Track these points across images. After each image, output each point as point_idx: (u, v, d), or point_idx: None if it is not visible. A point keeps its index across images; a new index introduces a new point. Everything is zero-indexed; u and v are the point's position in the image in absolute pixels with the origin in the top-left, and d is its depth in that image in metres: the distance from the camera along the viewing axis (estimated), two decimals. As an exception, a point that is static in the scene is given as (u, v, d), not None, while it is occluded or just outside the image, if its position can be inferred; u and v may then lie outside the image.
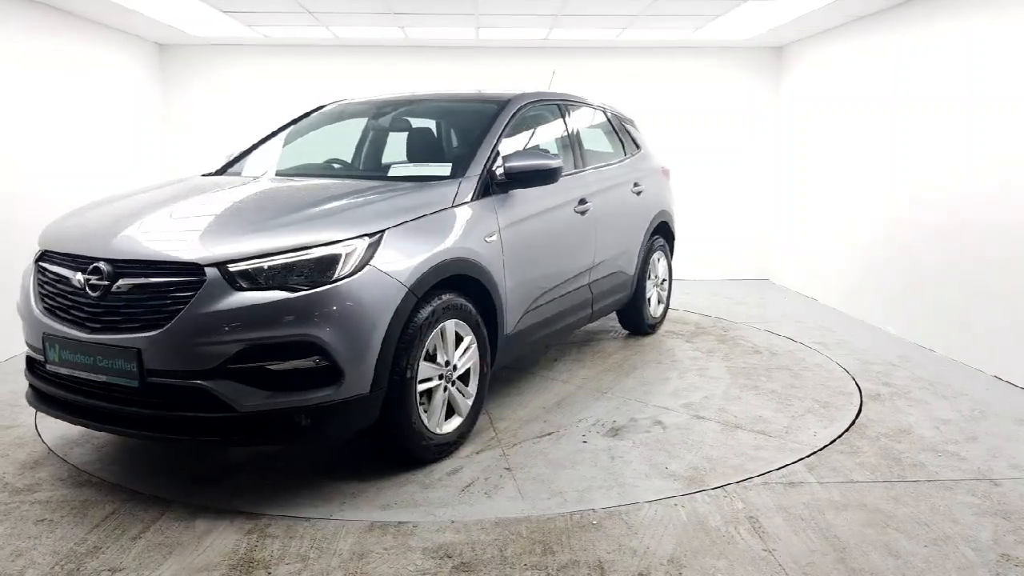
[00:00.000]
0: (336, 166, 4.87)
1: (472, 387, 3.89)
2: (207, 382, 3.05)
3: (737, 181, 8.83)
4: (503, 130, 4.36)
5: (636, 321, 6.07)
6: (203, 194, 3.95)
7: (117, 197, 4.10)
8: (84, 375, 3.25)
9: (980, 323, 5.25)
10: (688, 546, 2.93)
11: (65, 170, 6.26)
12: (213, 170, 4.95)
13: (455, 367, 3.74)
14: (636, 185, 5.70)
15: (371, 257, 3.27)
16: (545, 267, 4.50)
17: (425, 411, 3.55)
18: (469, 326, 3.80)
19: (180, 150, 8.16)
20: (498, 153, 4.20)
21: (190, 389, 3.07)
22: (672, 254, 6.56)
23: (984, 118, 5.20)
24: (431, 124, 4.98)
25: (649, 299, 6.09)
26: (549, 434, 4.07)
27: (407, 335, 3.38)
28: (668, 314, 6.73)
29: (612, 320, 6.34)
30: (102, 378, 3.19)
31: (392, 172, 4.56)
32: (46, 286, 3.48)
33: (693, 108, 8.63)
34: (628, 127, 6.13)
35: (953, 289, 5.54)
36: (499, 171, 4.09)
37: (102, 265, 3.21)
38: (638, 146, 6.11)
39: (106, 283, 3.19)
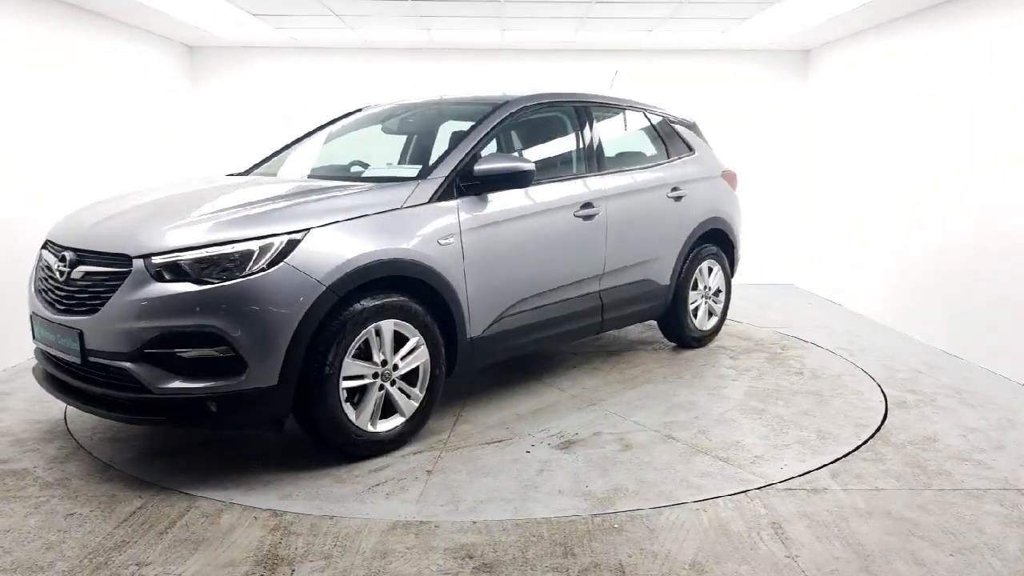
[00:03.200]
0: (355, 168, 4.91)
1: (420, 388, 3.91)
2: (129, 364, 3.31)
3: (762, 185, 8.78)
4: (486, 133, 4.35)
5: (677, 333, 5.80)
6: (187, 193, 4.13)
7: (123, 195, 4.34)
8: (51, 351, 3.66)
9: (1008, 330, 5.19)
10: (710, 551, 2.92)
11: (95, 170, 6.36)
12: (240, 170, 5.05)
13: (395, 367, 3.77)
14: (675, 190, 5.44)
15: (287, 255, 3.37)
16: (527, 271, 4.40)
17: (354, 408, 3.63)
18: (416, 327, 3.82)
19: (209, 151, 8.25)
20: (476, 156, 4.19)
21: (117, 369, 3.36)
22: (733, 263, 6.19)
23: (1014, 122, 5.14)
24: (440, 127, 5.00)
25: (695, 311, 5.79)
26: (500, 441, 4.03)
27: (328, 332, 3.46)
28: (733, 327, 6.47)
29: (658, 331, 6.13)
30: (60, 355, 3.58)
31: (365, 173, 4.67)
32: (40, 271, 3.86)
33: (719, 111, 8.58)
34: (678, 129, 5.86)
35: (980, 295, 5.48)
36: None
37: (67, 253, 3.60)
38: (691, 149, 5.83)
39: (68, 269, 3.56)
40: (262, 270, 3.32)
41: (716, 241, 5.93)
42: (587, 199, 4.76)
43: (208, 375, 3.30)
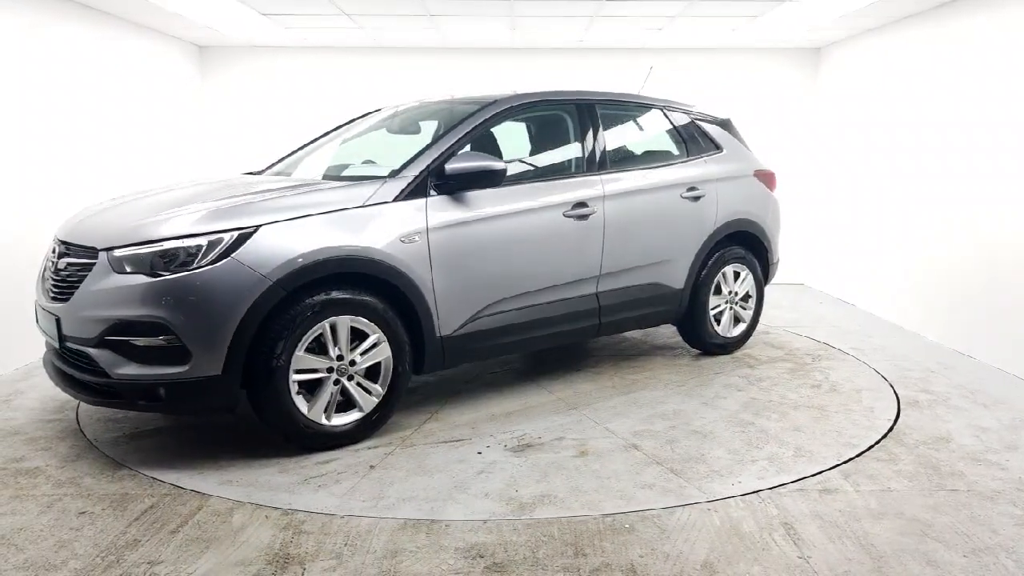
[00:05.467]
0: (365, 167, 4.92)
1: (382, 385, 3.95)
2: (92, 350, 3.54)
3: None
4: (466, 133, 4.34)
5: (697, 340, 5.56)
6: (175, 191, 4.28)
7: (130, 193, 4.54)
8: (46, 337, 3.92)
9: (1022, 329, 5.15)
10: (722, 551, 2.91)
11: (107, 168, 6.38)
12: (255, 169, 5.12)
13: (352, 362, 3.82)
14: (692, 189, 5.22)
15: (235, 250, 3.50)
16: (506, 271, 4.35)
17: (306, 400, 3.72)
18: (376, 324, 3.86)
19: (220, 150, 8.28)
20: (453, 155, 4.19)
21: (83, 354, 3.60)
22: (767, 268, 5.86)
23: (1029, 121, 5.11)
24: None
25: (718, 316, 5.54)
26: (458, 441, 4.02)
27: (277, 325, 3.57)
28: (773, 335, 6.26)
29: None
30: (49, 340, 3.88)
31: (345, 172, 4.73)
32: (45, 263, 4.07)
33: (730, 109, 8.54)
34: (705, 126, 5.59)
35: (994, 295, 5.44)
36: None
37: (57, 245, 3.90)
38: (718, 147, 5.57)
39: (57, 260, 3.85)
40: (210, 264, 3.46)
41: (744, 244, 5.65)
42: (580, 199, 4.65)
43: (158, 363, 3.47)
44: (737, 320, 5.73)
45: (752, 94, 8.61)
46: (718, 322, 5.58)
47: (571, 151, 4.94)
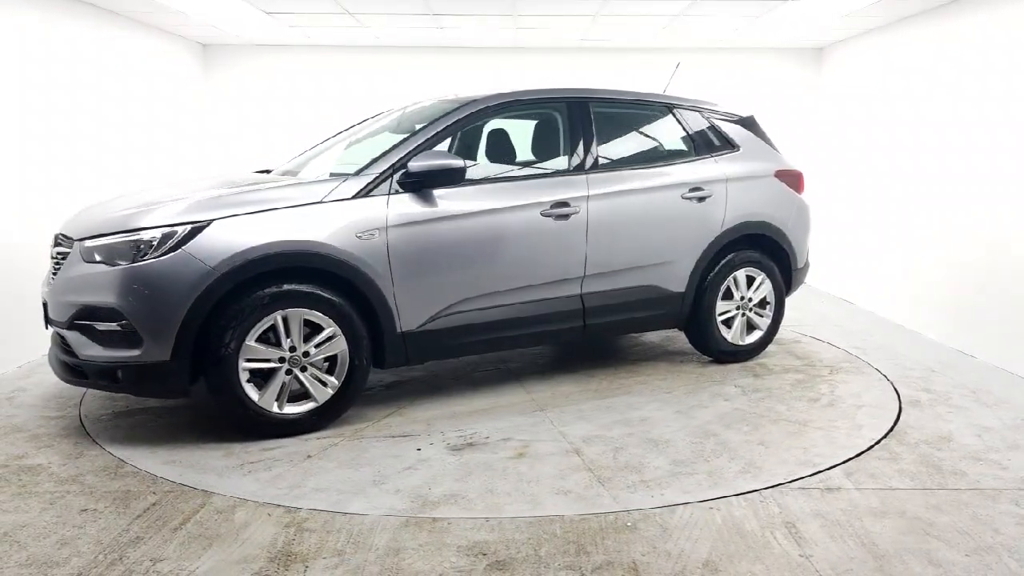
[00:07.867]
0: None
1: (337, 377, 4.04)
2: (65, 331, 3.84)
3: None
4: (437, 133, 4.37)
5: (704, 346, 5.32)
6: (171, 187, 4.48)
7: (135, 190, 4.77)
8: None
9: (1022, 329, 5.16)
10: (723, 550, 2.91)
11: (110, 166, 6.39)
12: (267, 168, 5.25)
13: (306, 353, 3.93)
14: (696, 190, 5.00)
15: (186, 243, 3.70)
16: (475, 269, 4.33)
17: (257, 389, 3.87)
18: (332, 317, 3.96)
19: (223, 149, 8.28)
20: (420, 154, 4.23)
21: (61, 335, 3.92)
22: (789, 274, 5.53)
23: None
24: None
25: (728, 321, 5.27)
26: (406, 436, 4.04)
27: (226, 315, 3.74)
28: (805, 344, 5.92)
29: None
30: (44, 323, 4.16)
31: (330, 170, 4.83)
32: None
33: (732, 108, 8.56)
34: (720, 124, 5.34)
35: (996, 294, 5.44)
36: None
37: (56, 236, 4.15)
38: (734, 146, 5.31)
39: (53, 249, 4.11)
40: (162, 255, 3.67)
41: (760, 247, 5.35)
42: (561, 198, 4.56)
43: (115, 346, 3.72)
44: (751, 327, 5.41)
45: (754, 93, 8.60)
46: (728, 328, 5.31)
47: (556, 150, 4.86)
